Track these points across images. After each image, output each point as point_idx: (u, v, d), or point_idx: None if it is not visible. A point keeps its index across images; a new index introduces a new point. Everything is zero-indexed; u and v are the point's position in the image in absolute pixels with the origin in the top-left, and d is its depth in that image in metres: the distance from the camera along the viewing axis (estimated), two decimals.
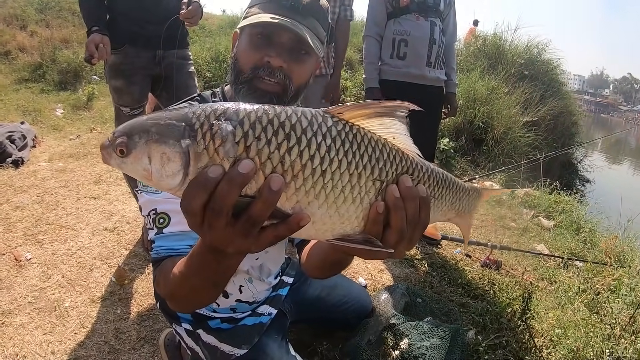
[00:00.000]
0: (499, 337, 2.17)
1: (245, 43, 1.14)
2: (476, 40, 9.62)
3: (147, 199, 1.11)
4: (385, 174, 0.67)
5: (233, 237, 0.59)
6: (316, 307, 1.76)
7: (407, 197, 0.68)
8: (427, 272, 2.84)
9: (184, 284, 0.85)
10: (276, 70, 1.10)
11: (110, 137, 0.60)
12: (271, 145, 0.58)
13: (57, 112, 6.13)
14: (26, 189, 3.55)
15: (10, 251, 2.63)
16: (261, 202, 0.56)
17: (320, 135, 0.61)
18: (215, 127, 0.57)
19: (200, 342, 1.42)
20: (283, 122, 0.60)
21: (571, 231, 3.95)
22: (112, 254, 2.69)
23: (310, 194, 0.61)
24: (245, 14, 1.18)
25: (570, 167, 9.02)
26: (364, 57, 3.07)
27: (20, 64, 7.55)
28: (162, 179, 0.58)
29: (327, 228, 0.66)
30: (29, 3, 9.30)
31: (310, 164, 0.60)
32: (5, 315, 2.13)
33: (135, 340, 2.03)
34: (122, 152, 0.58)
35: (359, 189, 0.65)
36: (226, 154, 0.57)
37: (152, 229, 1.09)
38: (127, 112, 2.49)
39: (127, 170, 0.60)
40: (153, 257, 1.06)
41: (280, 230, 0.60)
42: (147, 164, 0.58)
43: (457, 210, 0.86)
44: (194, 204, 0.56)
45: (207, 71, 7.07)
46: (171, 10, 2.41)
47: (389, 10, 2.95)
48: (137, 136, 0.58)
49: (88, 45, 2.14)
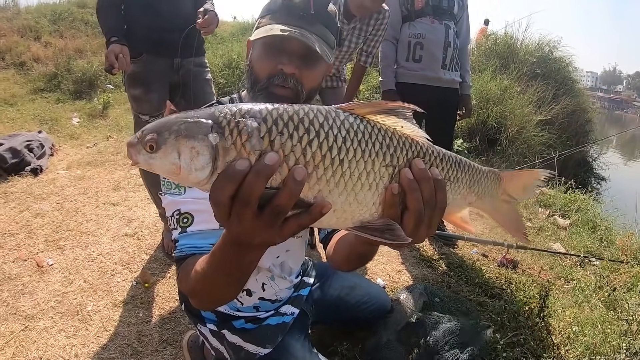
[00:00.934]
0: (516, 335, 2.17)
1: (259, 52, 1.19)
2: (487, 40, 9.57)
3: (170, 200, 1.14)
4: (396, 159, 0.72)
5: (258, 228, 0.62)
6: (336, 307, 1.78)
7: (421, 179, 0.71)
8: (444, 272, 2.85)
9: (206, 280, 0.88)
10: (289, 77, 1.15)
11: (139, 135, 0.63)
12: (293, 139, 0.62)
13: (73, 120, 6.23)
14: (46, 196, 3.62)
15: (32, 257, 2.69)
16: (286, 192, 0.60)
17: (336, 128, 0.66)
18: (241, 124, 0.61)
19: (225, 342, 1.45)
20: (302, 117, 0.64)
21: (587, 229, 3.92)
22: (132, 258, 2.73)
23: (331, 183, 0.65)
24: (257, 23, 1.22)
25: (585, 165, 8.93)
26: (380, 60, 3.10)
27: (35, 74, 7.69)
28: (191, 173, 0.62)
29: (347, 215, 0.70)
30: (42, 14, 9.47)
31: (329, 154, 0.64)
32: (29, 320, 2.18)
33: (157, 343, 2.06)
34: (151, 148, 0.62)
35: (373, 175, 0.69)
36: (252, 148, 0.61)
37: (176, 228, 1.12)
38: (146, 120, 2.52)
39: (155, 165, 0.63)
40: (176, 256, 1.10)
41: (303, 219, 0.64)
42: (176, 158, 0.61)
43: (477, 194, 0.88)
44: (223, 195, 0.59)
45: (220, 77, 7.11)
46: (187, 18, 2.45)
47: (404, 13, 2.99)
48: (166, 132, 0.62)
49: (108, 55, 2.18)
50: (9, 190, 3.70)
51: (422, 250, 3.11)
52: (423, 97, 2.94)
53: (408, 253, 3.07)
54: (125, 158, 4.66)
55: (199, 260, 0.94)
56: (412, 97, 2.92)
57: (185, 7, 2.52)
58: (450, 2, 2.98)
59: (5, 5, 10.40)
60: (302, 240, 1.55)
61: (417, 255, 3.05)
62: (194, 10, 2.45)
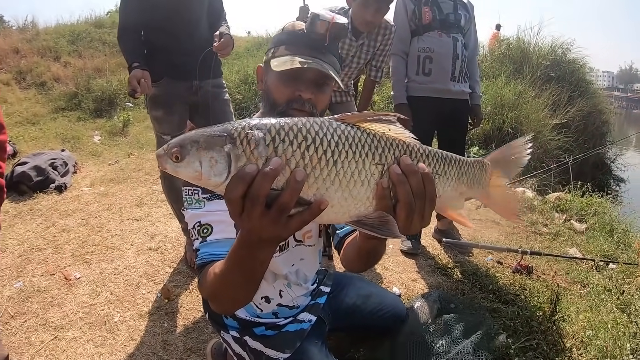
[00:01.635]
0: (529, 339, 2.20)
1: (277, 79, 1.30)
2: (500, 46, 9.57)
3: (192, 214, 1.25)
4: (385, 157, 0.82)
5: (266, 224, 0.72)
6: (352, 315, 1.83)
7: (408, 173, 0.81)
8: (459, 279, 2.88)
9: (224, 280, 0.98)
10: (306, 101, 1.27)
11: (165, 148, 0.76)
12: (293, 146, 0.74)
13: (94, 138, 6.38)
14: (71, 212, 3.75)
15: (60, 271, 2.80)
16: (289, 191, 0.71)
17: (329, 135, 0.78)
18: (249, 135, 0.73)
19: (247, 348, 1.53)
20: (300, 127, 0.76)
21: (604, 233, 3.89)
22: (157, 271, 2.83)
23: (327, 181, 0.77)
24: (272, 53, 1.33)
25: (604, 167, 8.82)
26: (392, 75, 3.17)
27: (56, 93, 7.88)
28: (210, 178, 0.74)
29: (344, 210, 0.81)
30: (61, 35, 9.69)
31: (324, 157, 0.76)
32: (58, 330, 2.27)
33: (182, 351, 2.14)
34: (176, 158, 0.74)
35: (365, 172, 0.80)
36: (259, 154, 0.73)
37: (197, 238, 1.22)
38: (168, 140, 2.60)
39: (180, 172, 0.75)
40: (198, 263, 1.19)
41: (305, 215, 0.75)
42: (198, 166, 0.74)
43: (466, 184, 0.97)
44: (236, 194, 0.70)
45: (237, 93, 7.22)
46: (204, 42, 2.54)
47: (412, 28, 3.05)
48: (189, 145, 0.74)
49: (131, 80, 2.27)
50: (34, 207, 3.84)
51: (437, 259, 3.15)
52: (434, 109, 3.04)
53: (423, 262, 3.11)
54: (146, 175, 4.80)
55: (217, 264, 1.06)
56: (423, 110, 3.02)
57: (202, 32, 2.61)
58: (457, 16, 3.03)
59: (25, 27, 10.71)
60: (315, 249, 1.64)
61: (432, 263, 3.09)
62: (210, 34, 2.54)
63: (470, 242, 3.32)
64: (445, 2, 3.04)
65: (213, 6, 2.68)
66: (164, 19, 2.48)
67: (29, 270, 2.81)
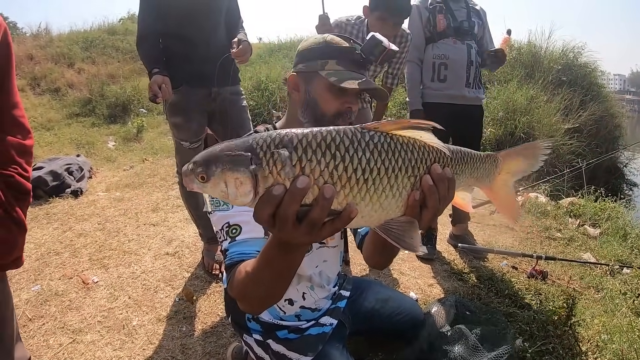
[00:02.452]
0: (545, 344, 2.20)
1: (325, 91, 1.35)
2: (511, 50, 9.54)
3: (219, 216, 1.27)
4: (417, 169, 0.81)
5: (298, 235, 0.74)
6: (371, 319, 1.85)
7: (438, 181, 0.83)
8: (474, 284, 2.88)
9: (255, 278, 1.00)
10: (352, 113, 1.35)
11: (191, 166, 0.75)
12: (321, 164, 0.72)
13: (109, 144, 6.44)
14: (87, 217, 3.79)
15: (78, 275, 2.83)
16: (318, 208, 0.71)
17: (360, 150, 0.75)
18: (275, 155, 0.72)
19: (269, 351, 1.54)
20: (329, 143, 0.74)
21: (617, 238, 3.87)
22: (174, 276, 2.84)
23: (357, 197, 0.75)
24: (319, 65, 1.35)
25: (616, 171, 8.72)
26: (407, 82, 3.20)
27: (70, 99, 7.97)
28: (237, 199, 0.73)
29: (374, 220, 0.81)
30: (74, 42, 9.79)
31: (354, 175, 0.74)
32: (77, 333, 2.29)
33: (200, 355, 2.15)
34: (202, 179, 0.73)
35: (397, 186, 0.79)
36: (286, 175, 0.71)
37: (226, 239, 1.24)
38: (186, 146, 2.63)
39: (208, 192, 0.75)
40: (227, 264, 1.20)
41: (336, 223, 0.75)
42: (224, 187, 0.73)
43: (475, 178, 0.98)
44: (264, 215, 0.72)
45: (250, 99, 7.23)
46: (222, 49, 2.56)
47: (427, 35, 3.10)
48: (213, 166, 0.73)
49: (151, 86, 2.29)
50: (50, 211, 3.89)
51: (452, 264, 3.15)
52: (449, 115, 3.04)
53: (439, 267, 3.11)
54: (162, 180, 4.85)
55: (247, 262, 1.08)
56: (438, 116, 3.03)
57: (220, 39, 2.63)
58: (470, 23, 3.07)
59: (38, 33, 10.86)
60: (337, 250, 1.68)
61: (448, 269, 3.09)
62: (228, 41, 2.57)
63: (485, 247, 3.32)
64: (459, 10, 3.08)
65: (230, 13, 2.70)
66: (182, 27, 2.51)
67: (46, 273, 2.85)
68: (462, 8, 3.09)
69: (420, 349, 1.96)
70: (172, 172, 4.66)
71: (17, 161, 1.25)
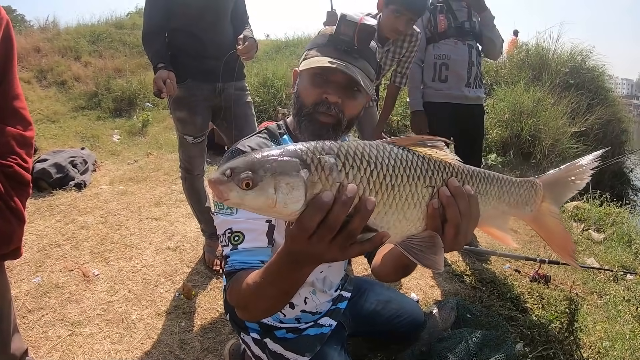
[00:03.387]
0: (546, 349, 2.18)
1: (306, 81, 1.30)
2: (519, 52, 9.49)
3: (222, 220, 1.24)
4: (434, 180, 0.83)
5: (332, 248, 0.74)
6: (371, 320, 1.83)
7: (457, 195, 0.83)
8: (476, 287, 2.86)
9: (259, 292, 0.98)
10: (332, 105, 1.26)
11: (227, 173, 0.70)
12: (361, 171, 0.74)
13: (114, 137, 6.45)
14: (90, 210, 3.79)
15: (79, 267, 2.83)
16: (358, 218, 0.71)
17: (387, 158, 0.78)
18: (322, 160, 0.72)
19: (266, 350, 1.53)
20: (362, 152, 0.76)
21: (622, 243, 3.84)
22: (175, 271, 2.84)
23: (386, 205, 0.77)
24: (305, 55, 1.33)
25: (622, 176, 8.67)
26: (408, 82, 3.18)
27: (76, 92, 7.98)
28: (286, 206, 0.70)
29: (398, 231, 0.82)
30: (81, 35, 9.80)
31: (384, 181, 0.76)
32: (76, 326, 2.30)
33: (199, 351, 2.15)
34: (247, 185, 0.69)
35: (417, 195, 0.81)
36: (334, 180, 0.72)
37: (227, 245, 1.21)
38: (190, 141, 2.63)
39: (248, 201, 0.70)
40: (227, 270, 1.19)
41: (366, 245, 0.76)
42: (272, 193, 0.69)
43: (509, 204, 0.95)
44: (313, 222, 0.71)
45: (256, 96, 7.20)
46: (228, 45, 2.56)
47: (428, 35, 3.12)
48: (261, 170, 0.69)
49: (156, 81, 2.29)
50: (54, 203, 3.89)
51: (454, 266, 3.13)
52: (450, 115, 3.09)
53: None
54: (165, 175, 4.83)
55: (251, 275, 1.04)
56: (439, 116, 3.08)
57: (226, 35, 2.63)
58: (472, 23, 3.08)
59: (46, 26, 10.89)
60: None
61: (450, 270, 3.07)
62: (234, 37, 2.56)
63: (489, 249, 3.29)
64: (460, 10, 3.09)
65: (237, 9, 2.70)
66: (189, 22, 2.50)
67: (47, 265, 2.85)
68: (463, 8, 3.09)
69: (420, 351, 1.95)
70: (176, 166, 4.64)
71: (16, 152, 1.25)
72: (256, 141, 1.36)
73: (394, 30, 2.62)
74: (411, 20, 2.61)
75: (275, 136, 1.42)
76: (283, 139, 1.41)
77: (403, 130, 7.05)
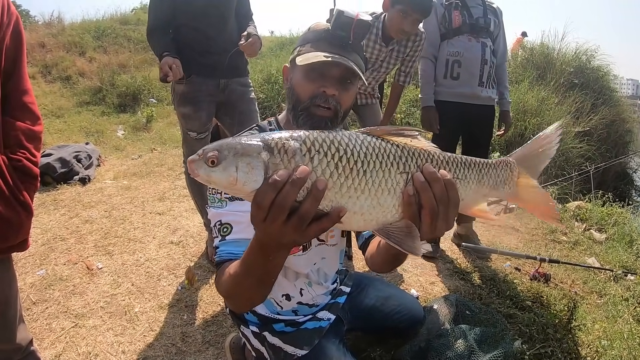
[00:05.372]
0: (544, 346, 2.20)
1: (301, 76, 1.31)
2: (524, 51, 9.46)
3: (214, 213, 1.28)
4: (408, 166, 0.85)
5: (287, 231, 0.75)
6: (371, 316, 1.85)
7: (431, 180, 0.84)
8: (476, 284, 2.87)
9: (236, 282, 1.01)
10: (330, 98, 1.28)
11: (200, 153, 0.76)
12: (327, 157, 0.77)
13: (118, 133, 6.48)
14: (94, 204, 3.82)
15: (83, 261, 2.86)
16: (310, 199, 0.73)
17: (358, 146, 0.81)
18: (286, 145, 0.76)
19: (265, 343, 1.55)
20: (332, 139, 0.79)
21: (623, 244, 3.83)
22: (178, 265, 2.87)
23: (358, 190, 0.79)
24: (297, 51, 1.34)
25: (625, 177, 8.67)
26: (420, 78, 3.17)
27: (80, 88, 8.03)
28: (246, 184, 0.75)
29: (372, 218, 0.83)
30: (86, 30, 9.85)
31: (355, 167, 0.79)
32: (79, 318, 2.33)
33: (200, 344, 2.18)
34: (212, 163, 0.74)
35: (391, 181, 0.83)
36: (296, 164, 0.75)
37: (217, 237, 1.25)
38: (194, 136, 2.65)
39: (214, 177, 0.75)
40: (216, 260, 1.22)
41: (324, 222, 0.77)
42: (233, 172, 0.74)
43: (489, 186, 0.97)
44: (266, 200, 0.72)
45: (260, 92, 7.24)
46: (232, 41, 2.58)
47: (442, 31, 3.05)
48: (226, 150, 0.75)
49: (162, 66, 2.31)
50: (58, 197, 3.93)
51: (455, 263, 3.15)
52: (460, 114, 3.04)
53: (442, 265, 3.10)
54: (169, 170, 4.87)
55: (231, 265, 1.08)
56: (450, 115, 3.04)
57: (230, 31, 2.65)
58: (486, 20, 3.02)
59: (51, 22, 10.92)
60: (337, 249, 1.66)
61: (450, 267, 3.08)
62: (238, 33, 2.58)
63: (489, 247, 3.30)
64: (475, 7, 3.04)
65: (241, 6, 2.72)
66: (193, 19, 2.52)
67: (51, 258, 2.89)
68: (478, 5, 3.05)
69: (418, 346, 1.97)
70: (180, 162, 4.69)
71: (25, 146, 1.27)
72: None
73: (399, 30, 2.63)
74: (417, 21, 2.62)
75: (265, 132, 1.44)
76: None
77: None
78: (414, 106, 7.32)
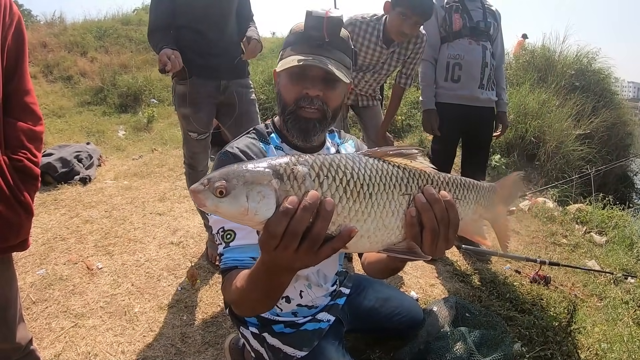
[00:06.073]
0: (544, 349, 2.20)
1: (285, 81, 1.33)
2: (525, 53, 9.45)
3: (216, 219, 1.27)
4: (410, 188, 0.87)
5: (298, 257, 0.75)
6: (370, 317, 1.86)
7: (432, 201, 0.87)
8: (476, 286, 2.87)
9: (244, 296, 1.03)
10: (314, 98, 1.29)
11: (205, 182, 0.75)
12: (336, 181, 0.78)
13: (119, 133, 6.48)
14: (94, 204, 3.83)
15: (83, 260, 2.87)
16: (320, 220, 0.73)
17: (363, 169, 0.82)
18: (295, 170, 0.75)
19: (265, 344, 1.56)
20: (338, 163, 0.80)
21: (623, 247, 3.82)
22: (178, 265, 2.87)
23: (365, 213, 0.80)
24: (281, 56, 1.36)
25: (626, 179, 8.64)
26: (420, 80, 3.18)
27: (82, 88, 8.03)
28: (257, 213, 0.73)
29: (378, 240, 0.85)
30: (88, 30, 9.85)
31: (362, 190, 0.80)
32: (79, 318, 2.34)
33: (200, 344, 2.18)
34: (221, 193, 0.73)
35: (394, 203, 0.85)
36: (307, 189, 0.75)
37: (221, 243, 1.25)
38: (194, 137, 2.65)
39: (222, 208, 0.74)
40: (222, 267, 1.23)
41: (335, 243, 0.77)
42: (244, 201, 0.73)
43: (484, 207, 1.02)
44: (279, 228, 0.72)
45: (261, 93, 7.24)
46: (233, 42, 2.60)
47: (442, 34, 3.07)
48: (234, 180, 0.74)
49: (161, 57, 2.30)
50: (59, 197, 3.93)
51: (455, 265, 3.15)
52: (461, 116, 3.06)
53: (442, 268, 3.10)
54: (170, 170, 4.87)
55: (239, 276, 1.09)
56: (450, 117, 3.05)
57: (230, 33, 2.65)
58: (487, 24, 3.04)
59: (52, 22, 10.93)
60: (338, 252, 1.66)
61: (450, 270, 3.08)
62: (239, 35, 2.60)
63: (489, 250, 3.30)
64: (475, 10, 3.05)
65: (242, 7, 2.72)
66: (194, 20, 2.52)
67: (52, 258, 2.89)
68: (478, 8, 3.07)
69: (418, 348, 1.97)
70: (180, 162, 4.67)
71: (26, 146, 1.28)
72: (244, 142, 1.39)
73: (400, 33, 2.64)
74: (417, 23, 2.62)
75: (263, 135, 1.45)
76: (271, 138, 1.44)
77: (407, 130, 7.05)
78: (414, 108, 7.31)
